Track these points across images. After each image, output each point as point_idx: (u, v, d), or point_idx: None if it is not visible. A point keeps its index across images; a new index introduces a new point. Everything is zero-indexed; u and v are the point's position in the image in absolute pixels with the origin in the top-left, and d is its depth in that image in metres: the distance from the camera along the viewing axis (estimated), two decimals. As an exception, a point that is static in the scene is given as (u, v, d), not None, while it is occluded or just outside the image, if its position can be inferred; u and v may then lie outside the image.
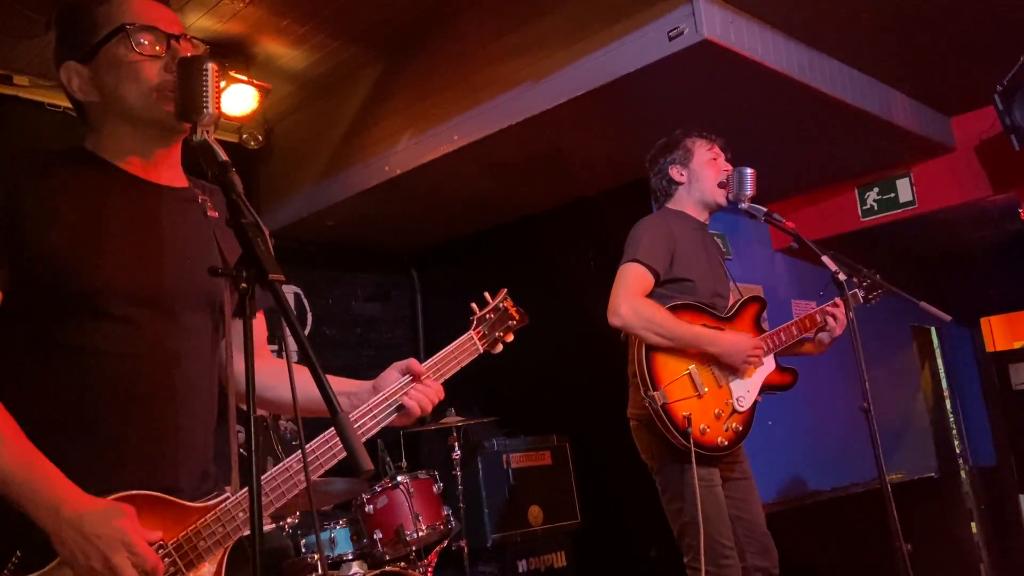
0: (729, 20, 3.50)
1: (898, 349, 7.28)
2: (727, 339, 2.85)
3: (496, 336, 1.84)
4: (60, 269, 1.36)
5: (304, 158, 5.06)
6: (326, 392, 1.09)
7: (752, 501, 2.94)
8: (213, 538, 1.39)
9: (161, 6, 1.51)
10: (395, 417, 1.62)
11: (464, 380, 1.96)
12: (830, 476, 5.77)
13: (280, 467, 1.47)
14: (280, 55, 4.39)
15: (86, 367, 1.37)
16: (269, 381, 1.67)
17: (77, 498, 1.27)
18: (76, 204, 1.41)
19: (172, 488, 1.40)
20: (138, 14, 1.45)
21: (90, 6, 1.47)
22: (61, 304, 1.37)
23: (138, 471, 1.38)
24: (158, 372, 1.42)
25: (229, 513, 1.41)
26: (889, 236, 6.02)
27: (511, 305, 1.90)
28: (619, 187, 5.08)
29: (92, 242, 1.39)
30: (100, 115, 1.49)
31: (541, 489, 4.84)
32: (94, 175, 1.46)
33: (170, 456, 1.42)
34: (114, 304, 1.39)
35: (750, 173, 2.94)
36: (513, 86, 3.98)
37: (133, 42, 1.43)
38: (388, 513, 3.79)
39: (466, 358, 1.77)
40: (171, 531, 1.37)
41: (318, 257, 5.77)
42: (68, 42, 1.49)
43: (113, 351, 1.39)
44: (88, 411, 1.37)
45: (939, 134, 5.07)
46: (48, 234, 1.36)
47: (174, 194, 1.54)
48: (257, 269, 1.15)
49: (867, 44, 4.08)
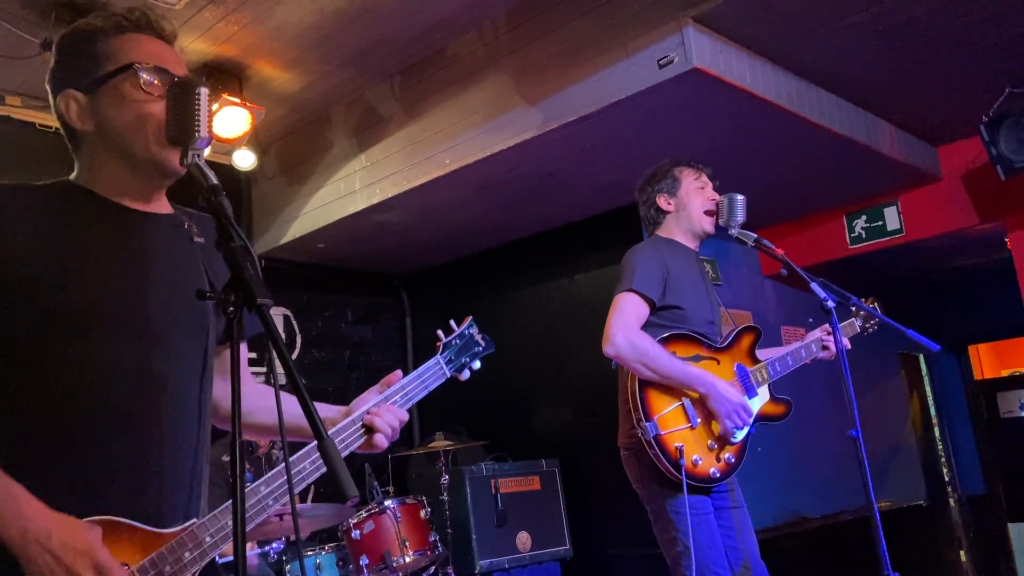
0: (719, 49, 3.54)
1: (886, 376, 7.31)
2: (720, 389, 2.82)
3: (463, 361, 1.85)
4: (42, 292, 1.35)
5: (295, 180, 5.07)
6: (312, 417, 1.08)
7: (745, 530, 2.92)
8: (179, 563, 1.36)
9: (168, 47, 1.51)
10: (363, 442, 1.61)
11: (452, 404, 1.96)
12: (820, 503, 5.76)
13: (260, 481, 1.46)
14: (273, 78, 4.41)
15: (69, 389, 1.36)
16: (253, 407, 1.67)
17: (44, 515, 1.26)
18: (56, 232, 1.40)
19: (150, 512, 1.38)
20: (147, 54, 1.46)
21: (97, 37, 1.47)
22: (44, 326, 1.36)
23: (120, 495, 1.36)
24: (142, 396, 1.41)
25: (195, 536, 1.38)
26: (877, 263, 6.07)
27: (477, 332, 1.90)
28: (608, 212, 5.11)
29: (75, 265, 1.39)
30: (93, 146, 1.48)
31: (530, 515, 4.80)
32: (77, 204, 1.46)
33: (153, 481, 1.40)
34: (97, 327, 1.38)
35: (740, 199, 2.95)
36: (504, 111, 4.01)
37: (141, 81, 1.43)
38: (375, 538, 3.75)
39: (433, 382, 1.78)
40: (136, 557, 1.34)
41: (308, 279, 5.76)
42: (69, 70, 1.48)
43: (97, 375, 1.37)
44: (70, 434, 1.35)
45: (926, 163, 5.13)
46: (24, 261, 1.35)
47: (159, 220, 1.53)
48: (245, 293, 1.14)
49: (855, 74, 4.14)
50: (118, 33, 1.47)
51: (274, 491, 1.46)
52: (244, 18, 3.82)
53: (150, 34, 1.49)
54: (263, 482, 1.47)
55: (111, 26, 1.48)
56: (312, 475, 1.50)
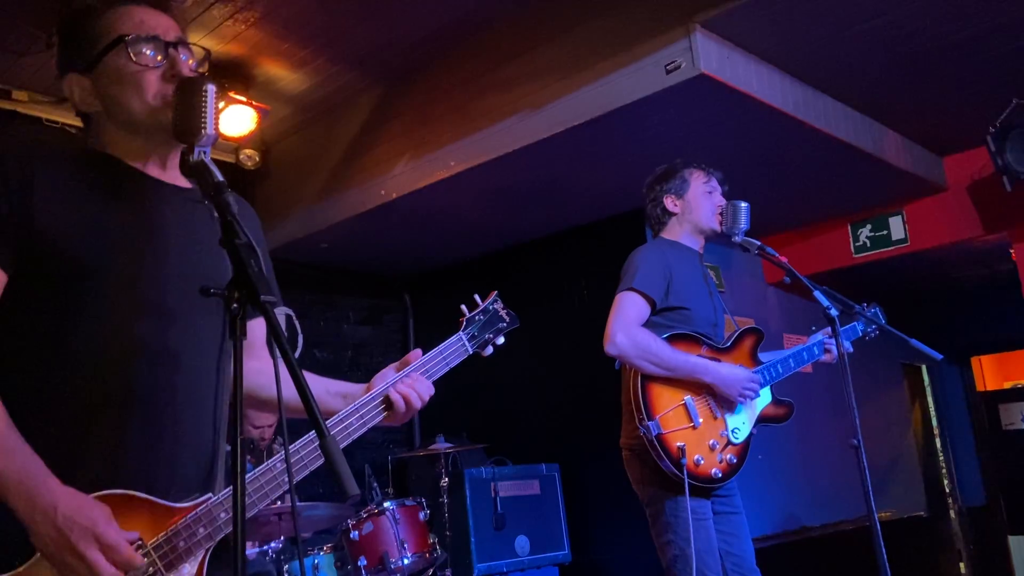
0: (726, 55, 3.54)
1: (889, 387, 7.29)
2: (723, 370, 2.84)
3: (486, 338, 1.81)
4: (65, 259, 1.35)
5: (300, 179, 5.07)
6: (313, 414, 1.08)
7: (742, 536, 2.92)
8: (193, 538, 1.36)
9: (159, 14, 1.50)
10: (384, 416, 1.59)
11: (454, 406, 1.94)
12: (820, 512, 5.74)
13: (263, 467, 1.45)
14: (280, 77, 4.41)
15: (85, 360, 1.36)
16: (265, 380, 1.65)
17: (54, 490, 1.26)
18: (85, 198, 1.40)
19: (166, 488, 1.38)
20: (137, 24, 1.45)
21: (90, 18, 1.47)
22: (63, 295, 1.36)
23: (135, 470, 1.36)
24: (159, 372, 1.40)
25: (210, 513, 1.38)
26: (881, 273, 6.06)
27: (501, 307, 1.86)
28: (612, 217, 5.10)
29: (99, 235, 1.38)
30: (103, 124, 1.49)
31: (529, 519, 4.79)
32: (104, 171, 1.45)
33: (168, 458, 1.40)
34: (116, 300, 1.38)
35: (744, 207, 2.95)
36: (510, 114, 4.01)
37: (132, 52, 1.42)
38: (373, 540, 3.75)
39: (455, 358, 1.75)
40: (151, 531, 1.34)
41: (311, 279, 5.75)
42: (69, 54, 1.49)
43: (114, 348, 1.37)
44: (86, 407, 1.35)
45: (932, 173, 5.12)
46: (55, 224, 1.35)
47: (182, 194, 1.53)
48: (248, 290, 1.14)
49: (862, 83, 4.13)
50: (110, 8, 1.47)
51: (275, 477, 1.45)
52: (252, 16, 3.83)
53: (141, 4, 1.49)
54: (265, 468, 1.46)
55: (103, 2, 1.48)
56: (314, 463, 1.48)
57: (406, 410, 1.59)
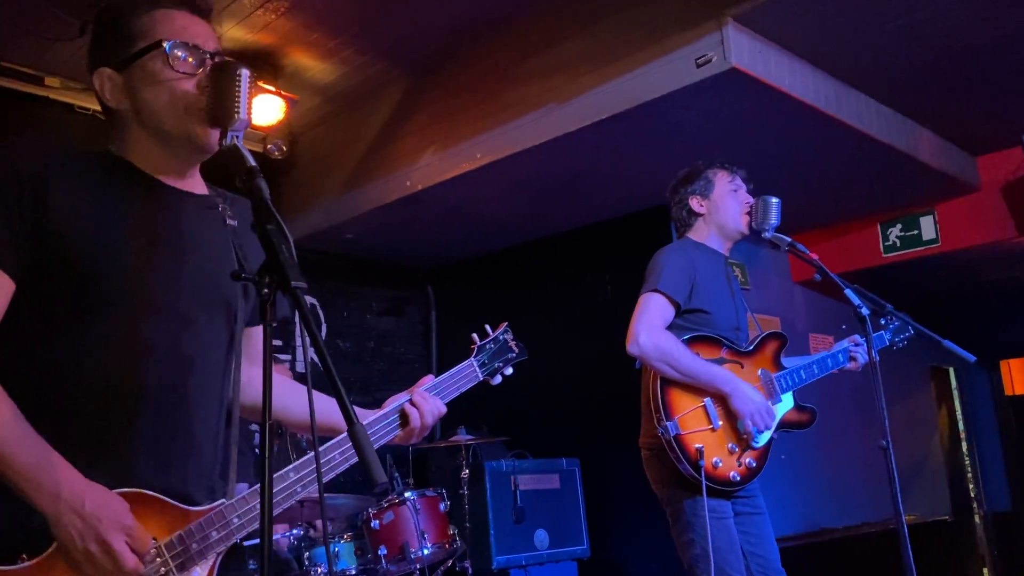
0: (758, 49, 3.50)
1: (915, 389, 7.20)
2: (745, 388, 2.79)
3: (496, 366, 1.87)
4: (77, 263, 1.35)
5: (327, 170, 5.09)
6: (343, 402, 1.07)
7: (766, 537, 2.88)
8: (205, 541, 1.37)
9: (200, 22, 1.50)
10: (396, 435, 1.63)
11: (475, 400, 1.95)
12: (843, 514, 5.68)
13: (288, 469, 1.46)
14: (308, 67, 4.42)
15: (98, 363, 1.36)
16: (287, 403, 1.68)
17: (78, 482, 1.28)
18: (99, 203, 1.40)
19: (176, 490, 1.39)
20: (177, 30, 1.45)
21: (128, 15, 1.46)
22: (75, 298, 1.36)
23: (146, 471, 1.37)
24: (170, 374, 1.41)
25: (223, 517, 1.39)
26: (910, 273, 5.98)
27: (511, 338, 1.92)
28: (639, 212, 5.07)
29: (111, 240, 1.39)
30: (129, 123, 1.48)
31: (548, 513, 4.79)
32: (118, 176, 1.46)
33: (177, 458, 1.41)
34: (129, 304, 1.39)
35: (775, 202, 2.91)
36: (538, 107, 3.99)
37: (170, 59, 1.42)
38: (394, 529, 3.75)
39: (466, 384, 1.80)
40: (163, 531, 1.35)
41: (335, 269, 5.78)
42: (104, 48, 1.48)
43: (125, 351, 1.38)
44: (97, 408, 1.36)
45: (965, 173, 5.04)
46: (68, 229, 1.35)
47: (195, 200, 1.54)
48: (279, 275, 1.14)
49: (896, 80, 4.07)
50: (150, 9, 1.46)
51: (303, 478, 1.46)
52: (282, 6, 3.83)
53: (183, 9, 1.48)
54: (292, 468, 1.47)
55: (144, 1, 1.47)
56: (340, 466, 1.50)
57: (420, 426, 1.62)
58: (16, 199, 1.32)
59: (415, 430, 1.63)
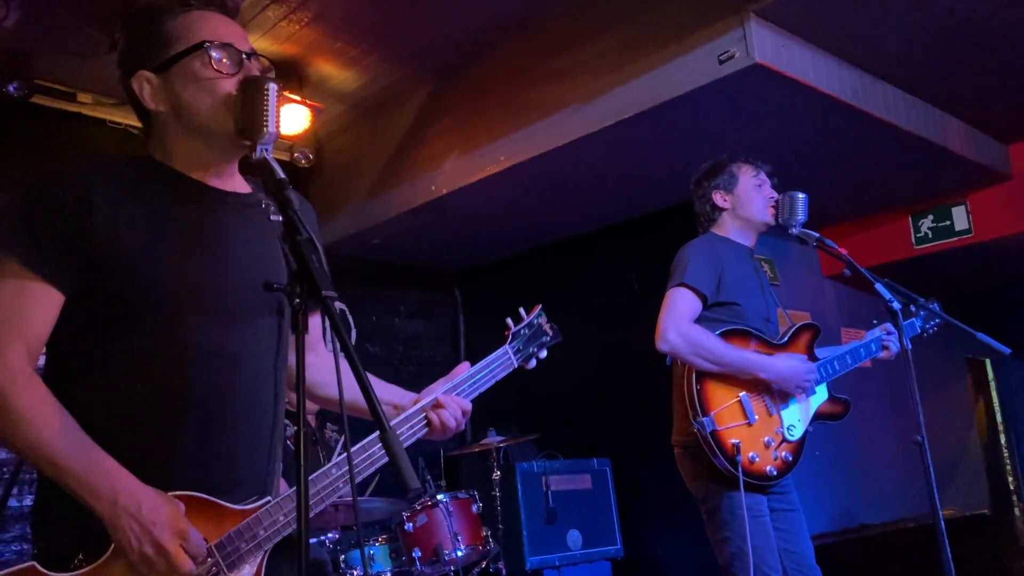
0: (781, 44, 3.47)
1: (951, 381, 7.09)
2: (779, 364, 2.79)
3: (530, 351, 1.86)
4: (125, 273, 1.39)
5: (352, 176, 5.14)
6: (375, 409, 1.09)
7: (800, 533, 2.86)
8: (254, 540, 1.40)
9: (234, 24, 1.53)
10: (427, 431, 1.64)
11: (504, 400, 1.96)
12: (880, 509, 5.61)
13: (320, 472, 1.48)
14: (332, 76, 4.47)
15: (147, 367, 1.40)
16: (323, 378, 1.70)
17: (135, 486, 1.32)
18: (143, 209, 1.44)
19: (225, 490, 1.42)
20: (214, 31, 1.48)
21: (163, 18, 1.49)
22: (125, 306, 1.40)
23: (194, 471, 1.40)
24: (218, 374, 1.44)
25: (270, 515, 1.42)
26: (944, 265, 5.89)
27: (545, 321, 1.91)
28: (664, 210, 5.05)
29: (158, 247, 1.42)
30: (168, 125, 1.51)
31: (581, 513, 4.79)
32: (161, 181, 1.49)
33: (226, 458, 1.44)
34: (176, 310, 1.42)
35: (802, 197, 2.89)
36: (561, 108, 3.99)
37: (211, 59, 1.45)
38: (427, 532, 3.78)
39: (501, 372, 1.79)
40: (214, 532, 1.38)
41: (363, 274, 5.82)
42: (139, 51, 1.51)
43: (174, 352, 1.41)
44: (147, 410, 1.40)
45: (996, 162, 4.96)
46: (115, 239, 1.39)
47: (238, 199, 1.56)
48: (310, 285, 1.16)
49: (923, 69, 4.01)
50: (184, 11, 1.49)
51: (345, 474, 1.48)
52: (305, 16, 3.88)
53: (215, 10, 1.52)
54: (334, 464, 1.49)
55: (178, 5, 1.50)
56: (380, 460, 1.51)
57: (443, 428, 1.63)
58: (62, 217, 1.36)
59: (441, 433, 1.64)
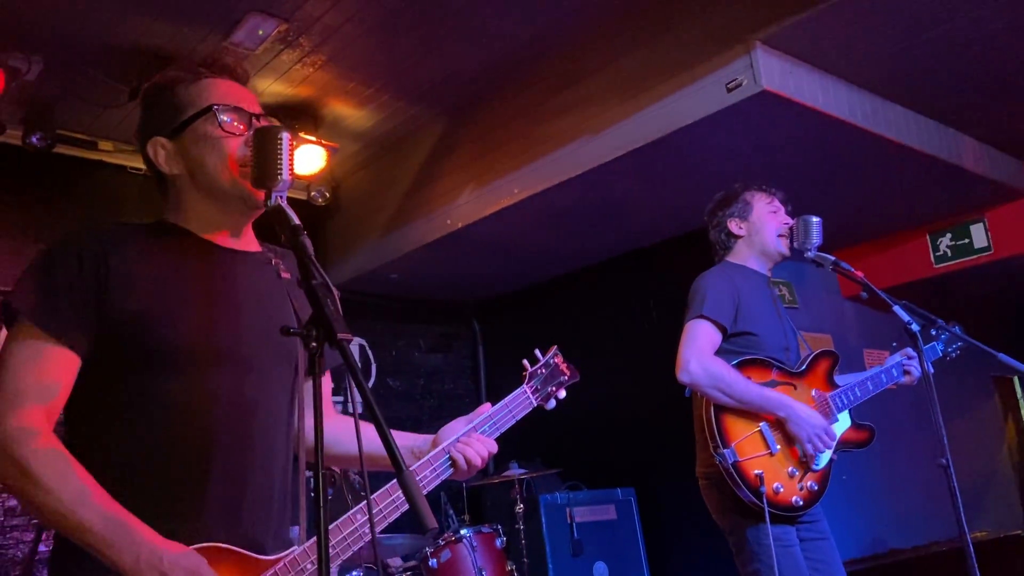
0: (788, 70, 3.49)
1: (979, 400, 6.98)
2: (800, 409, 2.74)
3: (548, 391, 1.87)
4: (142, 329, 1.42)
5: (369, 213, 5.20)
6: (391, 449, 1.10)
7: (833, 562, 2.80)
8: None
9: (243, 88, 1.61)
10: (453, 471, 1.64)
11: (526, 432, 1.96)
12: (910, 534, 5.51)
13: (344, 519, 1.49)
14: (346, 116, 4.55)
15: (165, 420, 1.42)
16: (336, 436, 1.72)
17: (156, 541, 1.33)
18: (158, 269, 1.49)
19: (249, 539, 1.43)
20: (224, 95, 1.56)
21: (177, 88, 1.57)
22: (142, 362, 1.43)
23: (214, 522, 1.42)
24: (235, 426, 1.47)
25: (297, 563, 1.42)
26: (964, 283, 5.83)
27: (561, 361, 1.91)
28: (678, 238, 5.06)
29: (173, 303, 1.46)
30: (182, 188, 1.57)
31: (606, 545, 4.73)
32: (175, 242, 1.54)
33: (247, 508, 1.46)
34: (193, 361, 1.45)
35: (816, 221, 2.88)
36: (572, 139, 4.03)
37: (220, 121, 1.52)
38: (452, 568, 3.76)
39: (520, 411, 1.80)
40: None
41: (382, 309, 5.86)
42: (155, 120, 1.58)
43: (192, 406, 1.44)
44: (166, 463, 1.42)
45: (1014, 178, 4.93)
46: (131, 297, 1.43)
47: (249, 258, 1.61)
48: (326, 329, 1.18)
49: (933, 90, 4.02)
50: (196, 80, 1.57)
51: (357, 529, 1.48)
52: (318, 60, 3.96)
53: (225, 77, 1.59)
54: (359, 510, 1.50)
55: (189, 75, 1.58)
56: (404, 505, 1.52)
57: (468, 468, 1.64)
58: (79, 281, 1.41)
59: (463, 471, 1.65)
